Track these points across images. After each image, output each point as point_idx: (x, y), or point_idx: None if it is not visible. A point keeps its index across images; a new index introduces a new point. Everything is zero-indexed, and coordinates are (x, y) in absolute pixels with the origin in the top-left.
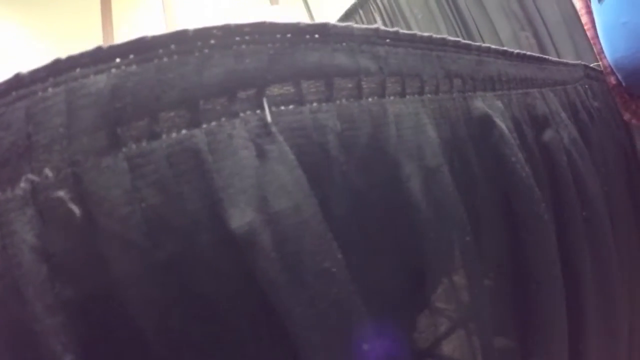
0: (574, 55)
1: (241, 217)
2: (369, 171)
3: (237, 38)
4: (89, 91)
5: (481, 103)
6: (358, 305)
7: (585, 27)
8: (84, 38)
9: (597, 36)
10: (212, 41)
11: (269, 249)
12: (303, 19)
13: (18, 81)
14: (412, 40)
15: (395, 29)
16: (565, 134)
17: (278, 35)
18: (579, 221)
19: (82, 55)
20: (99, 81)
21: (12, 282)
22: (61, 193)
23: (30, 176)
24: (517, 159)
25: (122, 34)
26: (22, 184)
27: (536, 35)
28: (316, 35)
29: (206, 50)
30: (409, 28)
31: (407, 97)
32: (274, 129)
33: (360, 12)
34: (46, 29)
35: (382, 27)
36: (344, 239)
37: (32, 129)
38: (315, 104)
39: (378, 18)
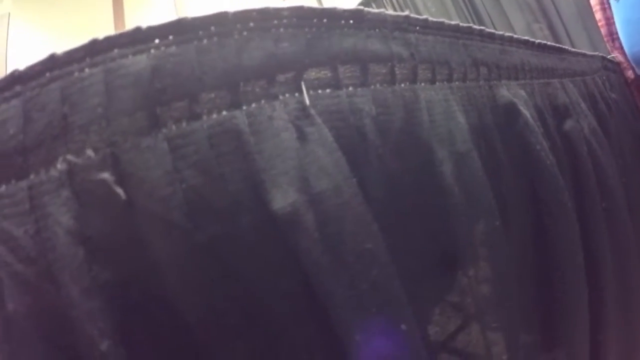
0: (589, 47)
1: (284, 198)
2: (403, 155)
3: (276, 21)
4: (128, 71)
5: (506, 91)
6: (397, 288)
7: (599, 24)
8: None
9: (609, 34)
10: (251, 24)
11: (312, 230)
12: None
13: (53, 62)
14: (441, 28)
15: (424, 16)
16: (586, 124)
17: (315, 20)
18: (599, 211)
19: (121, 36)
20: (139, 62)
21: (47, 266)
22: (105, 175)
23: (70, 157)
24: (541, 147)
25: None
26: (59, 165)
27: (551, 27)
28: (351, 21)
29: (245, 33)
30: None
31: (437, 84)
32: (312, 111)
33: (373, 5)
34: (59, 28)
35: (412, 15)
36: (381, 221)
37: (68, 110)
38: (351, 88)
39: (391, 10)
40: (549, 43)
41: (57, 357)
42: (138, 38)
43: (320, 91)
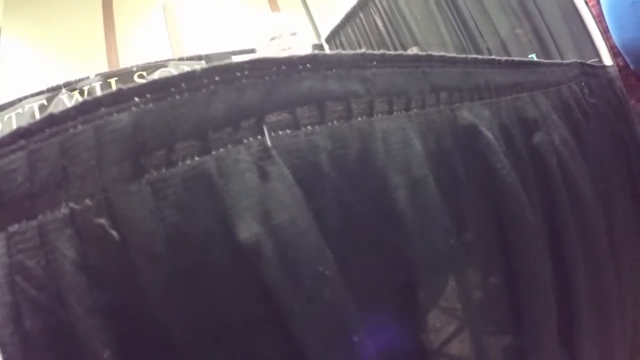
0: (574, 49)
1: (248, 230)
2: (358, 184)
3: (238, 73)
4: (114, 127)
5: (467, 113)
6: (349, 304)
7: (590, 4)
8: (87, 48)
9: (602, 14)
10: (217, 78)
11: (272, 257)
12: (304, 24)
13: (51, 120)
14: (398, 59)
15: (381, 51)
16: (557, 136)
17: (274, 68)
18: (570, 221)
19: (105, 96)
20: (122, 119)
21: (57, 291)
22: (101, 220)
23: (71, 204)
24: (502, 166)
25: (125, 46)
26: (63, 210)
27: (535, 31)
28: (308, 65)
29: (212, 87)
30: (409, 29)
31: (395, 113)
32: (273, 152)
33: (361, 14)
34: (49, 41)
35: (369, 51)
36: (337, 247)
37: (66, 162)
38: (309, 127)
39: (378, 20)
40: (517, 59)
41: None
42: (120, 98)
43: (280, 132)
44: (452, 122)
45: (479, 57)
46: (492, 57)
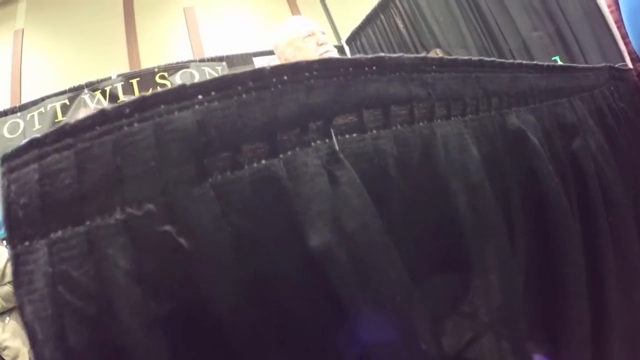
0: (597, 50)
1: (320, 236)
2: (421, 189)
3: (307, 73)
4: (176, 126)
5: (515, 119)
6: (418, 310)
7: (609, 10)
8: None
9: (621, 19)
10: (285, 77)
11: (345, 264)
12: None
13: (103, 116)
14: (454, 64)
15: (439, 56)
16: (593, 141)
17: (342, 70)
18: (605, 226)
19: (167, 93)
20: (185, 117)
21: (108, 303)
22: (167, 227)
23: (129, 209)
24: (547, 171)
25: (146, 47)
26: (118, 215)
27: (558, 31)
28: (374, 67)
29: (280, 86)
30: (430, 30)
31: (452, 118)
32: (341, 155)
33: (382, 16)
34: (71, 44)
35: (429, 56)
36: (402, 248)
37: (120, 162)
38: (375, 131)
39: (399, 22)
40: (557, 64)
41: None
42: (183, 95)
43: (347, 136)
44: (502, 128)
45: (524, 62)
46: (536, 62)
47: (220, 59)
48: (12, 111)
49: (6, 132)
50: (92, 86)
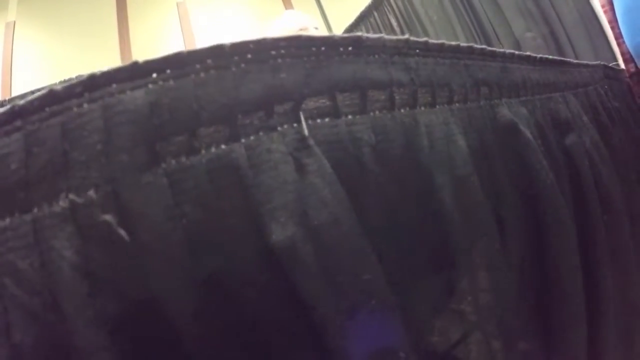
0: (592, 52)
1: (282, 231)
2: (402, 182)
3: (273, 52)
4: (127, 107)
5: (507, 110)
6: (395, 316)
7: (603, 10)
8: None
9: (615, 19)
10: (249, 55)
11: (310, 262)
12: (318, 22)
13: (52, 97)
14: (441, 49)
15: (424, 39)
16: (587, 138)
17: (313, 49)
18: (600, 224)
19: (118, 71)
20: (137, 97)
21: (52, 298)
22: (107, 216)
23: (72, 196)
24: (541, 167)
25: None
26: (62, 203)
27: (552, 33)
28: (350, 48)
29: (243, 65)
30: (424, 30)
31: (437, 107)
32: (311, 142)
33: (375, 14)
34: (63, 36)
35: (412, 38)
36: (379, 247)
37: (68, 146)
38: (350, 117)
39: (393, 20)
40: (550, 57)
41: None
42: (136, 73)
43: (319, 120)
44: (492, 119)
45: (516, 52)
46: (528, 53)
47: None
48: (1, 104)
49: None
50: None
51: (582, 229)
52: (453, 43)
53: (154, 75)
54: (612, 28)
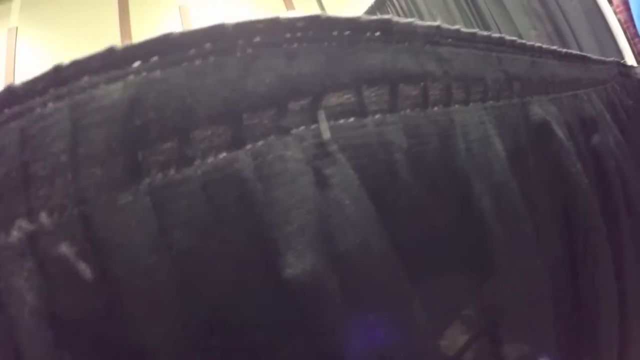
0: (598, 51)
1: (301, 261)
2: (438, 191)
3: (288, 35)
4: (100, 105)
5: (539, 108)
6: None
7: (617, 10)
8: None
9: (630, 19)
10: (258, 39)
11: (336, 302)
12: None
13: (10, 95)
14: (474, 39)
15: (456, 26)
16: (611, 137)
17: (336, 33)
18: (627, 229)
19: (91, 59)
20: (113, 92)
21: (14, 350)
22: (63, 248)
23: (23, 223)
24: (576, 170)
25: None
26: (15, 232)
27: (557, 31)
28: (377, 33)
29: (250, 50)
30: None
31: (471, 104)
32: (333, 147)
33: (378, 13)
34: (65, 41)
35: (444, 24)
36: (414, 268)
37: (29, 156)
38: (378, 115)
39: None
40: (573, 52)
41: None
42: (112, 61)
43: (342, 121)
44: (525, 118)
45: (543, 46)
46: (554, 47)
47: None
48: None
49: None
50: None
51: (611, 234)
52: (485, 33)
53: (136, 63)
54: (627, 28)
